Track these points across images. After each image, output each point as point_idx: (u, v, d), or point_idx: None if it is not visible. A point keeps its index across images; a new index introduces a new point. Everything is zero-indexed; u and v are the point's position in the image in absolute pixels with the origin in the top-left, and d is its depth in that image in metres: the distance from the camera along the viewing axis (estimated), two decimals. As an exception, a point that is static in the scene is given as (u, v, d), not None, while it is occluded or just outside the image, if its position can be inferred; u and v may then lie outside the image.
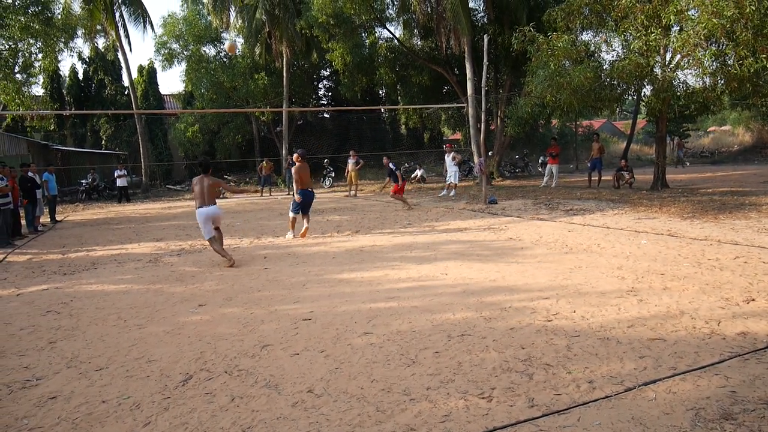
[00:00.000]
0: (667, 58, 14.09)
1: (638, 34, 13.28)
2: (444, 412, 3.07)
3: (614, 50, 15.19)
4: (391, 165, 14.98)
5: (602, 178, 18.23)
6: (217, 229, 8.21)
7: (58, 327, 5.29)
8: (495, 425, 2.91)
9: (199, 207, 8.01)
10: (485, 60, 14.62)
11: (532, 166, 27.55)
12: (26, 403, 3.55)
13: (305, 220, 10.32)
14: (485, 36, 15.12)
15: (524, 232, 9.57)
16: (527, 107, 16.17)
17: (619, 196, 14.06)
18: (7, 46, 18.91)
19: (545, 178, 19.53)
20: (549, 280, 5.94)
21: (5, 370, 4.18)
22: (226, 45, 10.60)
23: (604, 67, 14.62)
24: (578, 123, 32.80)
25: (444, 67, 23.81)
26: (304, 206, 10.23)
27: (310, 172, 10.48)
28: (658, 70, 13.83)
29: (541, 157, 26.75)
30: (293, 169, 10.26)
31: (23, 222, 13.80)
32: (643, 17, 13.14)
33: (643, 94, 15.75)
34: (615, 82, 14.41)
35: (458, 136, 36.21)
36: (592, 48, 15.15)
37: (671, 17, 12.38)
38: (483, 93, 14.92)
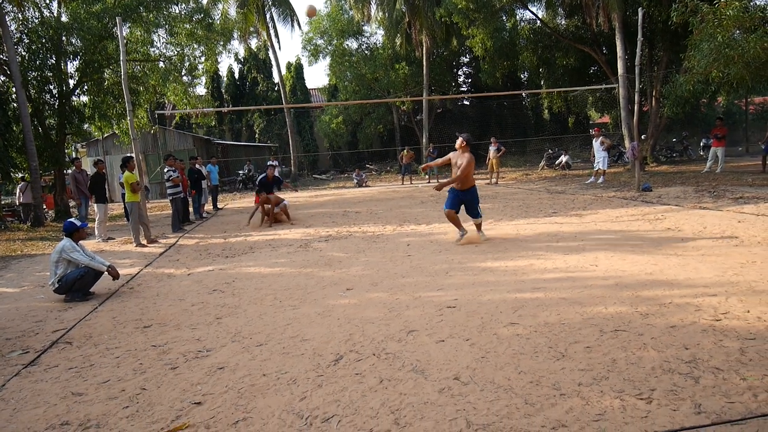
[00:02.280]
0: None
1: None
2: (598, 411, 2.92)
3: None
4: (276, 173, 13.86)
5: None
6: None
7: (223, 305, 5.80)
8: (656, 429, 2.70)
9: None
10: (639, 35, 13.55)
11: (692, 150, 25.12)
12: (199, 371, 3.94)
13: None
14: (639, 9, 14.01)
15: (684, 222, 8.77)
16: (688, 85, 14.72)
17: (800, 182, 12.40)
18: (176, 52, 20.95)
19: (708, 163, 17.73)
20: (716, 276, 5.39)
21: (181, 341, 4.67)
22: (306, 9, 10.69)
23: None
24: (750, 100, 29.35)
25: (591, 47, 22.50)
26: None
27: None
28: None
29: (704, 140, 24.36)
30: (469, 160, 7.93)
31: (191, 209, 15.31)
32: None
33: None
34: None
35: (606, 119, 34.09)
36: (771, 13, 13.39)
37: None
38: (636, 72, 13.87)
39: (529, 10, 24.71)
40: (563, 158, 24.35)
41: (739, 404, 2.88)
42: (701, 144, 24.83)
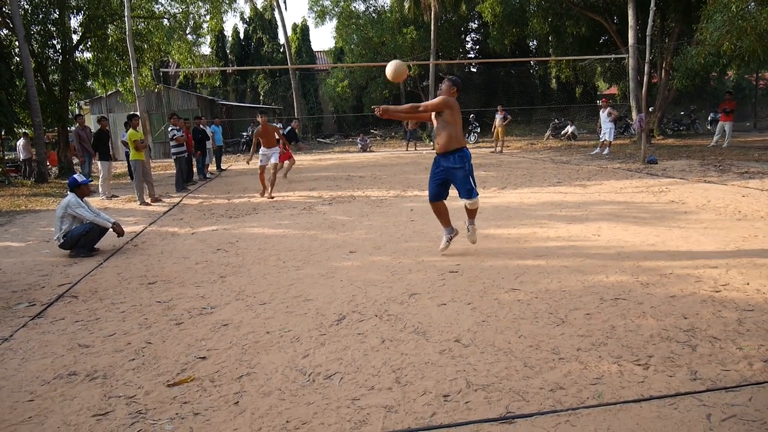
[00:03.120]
0: None
1: None
2: (595, 375, 2.97)
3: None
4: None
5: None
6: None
7: (227, 264, 5.85)
8: (652, 394, 2.75)
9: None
10: (652, 5, 13.27)
11: (700, 124, 24.91)
12: (203, 327, 4.00)
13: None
14: (654, -22, 13.69)
15: (688, 196, 8.77)
16: (699, 57, 14.50)
17: (807, 159, 12.33)
18: (180, 10, 20.66)
19: (715, 137, 17.60)
20: (717, 248, 5.41)
21: (186, 297, 4.73)
22: (393, 71, 5.34)
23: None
24: (760, 75, 28.92)
25: (602, 16, 22.07)
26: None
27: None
28: None
29: (711, 114, 24.10)
30: (446, 101, 5.24)
31: (194, 169, 15.29)
32: None
33: None
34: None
35: (614, 90, 33.69)
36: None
37: None
38: (647, 42, 13.63)
39: (541, -25, 24.17)
40: (569, 128, 24.15)
41: (734, 372, 2.92)
42: (709, 118, 24.59)
